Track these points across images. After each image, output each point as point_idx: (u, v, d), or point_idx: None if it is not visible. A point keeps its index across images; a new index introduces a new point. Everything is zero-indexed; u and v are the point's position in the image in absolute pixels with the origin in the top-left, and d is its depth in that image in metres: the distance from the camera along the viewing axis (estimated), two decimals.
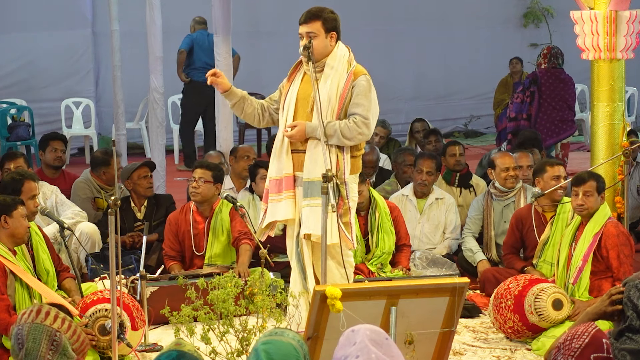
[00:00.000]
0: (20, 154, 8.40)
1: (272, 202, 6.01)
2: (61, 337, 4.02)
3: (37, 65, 14.35)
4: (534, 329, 6.12)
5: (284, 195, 5.94)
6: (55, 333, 4.01)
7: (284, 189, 5.95)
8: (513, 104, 10.50)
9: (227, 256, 7.30)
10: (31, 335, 3.97)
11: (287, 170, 5.94)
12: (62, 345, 3.99)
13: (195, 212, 7.37)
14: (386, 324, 4.47)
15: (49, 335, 3.99)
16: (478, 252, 7.61)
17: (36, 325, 4.01)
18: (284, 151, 5.96)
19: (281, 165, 5.96)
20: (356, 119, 5.85)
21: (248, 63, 13.32)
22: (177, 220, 7.40)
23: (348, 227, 5.85)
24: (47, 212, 6.81)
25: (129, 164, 8.35)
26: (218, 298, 5.44)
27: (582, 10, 7.30)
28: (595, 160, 7.31)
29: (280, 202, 5.95)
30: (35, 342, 3.95)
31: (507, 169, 7.65)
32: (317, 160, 5.82)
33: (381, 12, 15.45)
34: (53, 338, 3.99)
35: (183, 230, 7.34)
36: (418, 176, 8.01)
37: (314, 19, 5.91)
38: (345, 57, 5.97)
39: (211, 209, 7.34)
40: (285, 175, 5.94)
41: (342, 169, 5.86)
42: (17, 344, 3.97)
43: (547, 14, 16.18)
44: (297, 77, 6.04)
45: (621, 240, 6.27)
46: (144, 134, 13.70)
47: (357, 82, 5.91)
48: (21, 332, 4.00)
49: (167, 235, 7.40)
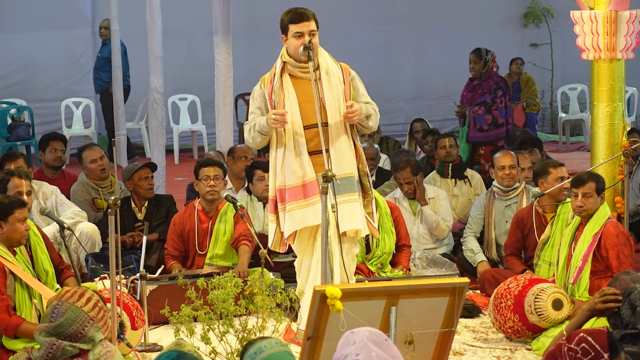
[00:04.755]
0: (20, 154, 8.40)
1: (291, 210, 5.91)
2: (92, 326, 4.16)
3: (37, 65, 14.36)
4: (534, 329, 6.12)
5: (313, 200, 5.86)
6: (88, 321, 4.16)
7: (310, 194, 5.88)
8: (498, 110, 10.19)
9: (229, 257, 7.29)
10: (68, 314, 4.14)
11: (310, 175, 5.89)
12: (90, 335, 4.14)
13: (200, 211, 7.37)
14: (386, 324, 4.47)
15: (81, 322, 4.14)
16: (479, 253, 7.61)
17: (75, 309, 4.16)
18: (303, 156, 5.89)
19: (304, 171, 5.89)
20: (373, 105, 6.07)
21: (248, 63, 13.32)
22: (181, 219, 7.39)
23: (372, 217, 6.06)
24: (47, 212, 6.81)
25: (129, 164, 8.36)
26: (218, 298, 5.44)
27: (582, 10, 7.29)
28: (595, 160, 7.31)
29: (310, 207, 5.86)
30: (67, 322, 4.13)
31: (502, 167, 7.68)
32: (343, 156, 5.89)
33: (381, 12, 15.45)
34: (85, 325, 4.15)
35: (188, 229, 7.34)
36: (401, 187, 8.04)
37: (311, 17, 5.94)
38: (328, 54, 6.04)
39: (217, 209, 7.35)
40: (309, 180, 5.89)
41: (364, 162, 6.02)
42: (51, 315, 4.17)
43: (547, 14, 16.18)
44: (285, 83, 5.97)
45: (621, 240, 6.27)
46: (144, 134, 13.71)
47: (352, 75, 6.06)
48: (59, 309, 4.17)
49: (170, 236, 7.39)
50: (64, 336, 4.11)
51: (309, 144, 5.91)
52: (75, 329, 4.11)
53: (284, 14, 5.96)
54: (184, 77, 14.48)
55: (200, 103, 14.36)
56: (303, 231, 6.02)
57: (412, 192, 7.99)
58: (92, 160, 8.23)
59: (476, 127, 9.85)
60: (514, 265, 7.08)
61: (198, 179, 7.41)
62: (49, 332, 4.12)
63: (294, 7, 5.98)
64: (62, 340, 4.09)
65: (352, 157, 5.95)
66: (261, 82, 6.06)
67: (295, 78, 5.97)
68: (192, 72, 14.53)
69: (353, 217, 5.87)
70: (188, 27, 14.31)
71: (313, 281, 5.97)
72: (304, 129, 5.91)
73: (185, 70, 14.54)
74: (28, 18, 14.11)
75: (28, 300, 5.68)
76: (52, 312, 4.17)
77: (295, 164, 5.90)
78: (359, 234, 6.01)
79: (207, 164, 7.43)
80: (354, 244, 6.06)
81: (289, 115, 5.88)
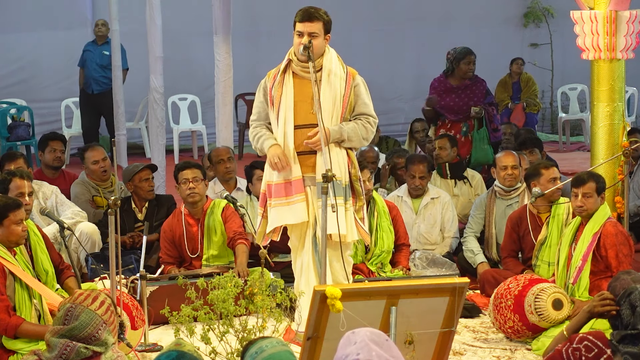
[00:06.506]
0: (20, 154, 8.39)
1: (276, 206, 5.99)
2: (105, 329, 4.17)
3: (37, 65, 14.35)
4: (534, 329, 6.12)
5: (296, 199, 5.93)
6: (102, 324, 4.16)
7: (294, 192, 5.94)
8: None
9: (224, 257, 7.28)
10: (81, 317, 4.13)
11: (296, 173, 5.95)
12: (103, 338, 4.14)
13: (187, 215, 7.33)
14: (386, 324, 4.47)
15: (95, 325, 4.13)
16: (479, 254, 7.61)
17: (89, 312, 4.15)
18: (290, 156, 5.95)
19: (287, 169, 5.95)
20: (368, 119, 6.01)
21: (248, 63, 13.32)
22: (171, 226, 7.36)
23: (363, 222, 6.02)
24: (47, 212, 6.81)
25: (130, 165, 8.34)
26: (218, 298, 5.44)
27: (582, 10, 7.29)
28: (595, 160, 7.31)
29: (292, 205, 5.93)
30: (81, 325, 4.12)
31: (505, 167, 7.69)
32: (331, 159, 5.85)
33: (381, 12, 15.45)
34: (99, 328, 4.14)
35: (178, 235, 7.32)
36: (411, 181, 8.05)
37: (316, 19, 5.93)
38: (336, 56, 6.03)
39: (202, 210, 7.31)
40: (294, 178, 5.94)
41: (357, 166, 6.02)
42: (64, 317, 4.16)
43: (547, 14, 16.18)
44: (286, 80, 6.01)
45: (620, 240, 6.27)
46: (144, 134, 13.71)
47: (357, 82, 6.02)
48: (73, 312, 4.15)
49: (162, 244, 7.37)
50: (77, 339, 4.10)
51: (297, 142, 5.94)
52: (89, 332, 4.11)
53: (298, 10, 6.00)
54: (184, 77, 14.47)
55: (200, 103, 14.36)
56: (294, 231, 6.09)
57: (423, 187, 8.01)
58: (94, 162, 8.22)
59: (492, 128, 9.77)
60: (512, 266, 7.08)
61: (178, 183, 7.35)
62: (62, 334, 4.10)
63: (308, 6, 6.00)
64: (76, 342, 4.08)
65: (341, 161, 5.94)
66: (267, 76, 6.11)
67: (297, 77, 5.99)
68: (192, 72, 14.53)
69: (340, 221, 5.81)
70: (188, 27, 14.29)
71: (306, 283, 6.02)
72: (295, 128, 5.95)
73: (185, 70, 14.53)
74: (28, 18, 14.11)
75: (28, 301, 5.68)
76: (66, 314, 4.16)
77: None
78: (345, 239, 5.94)
79: (185, 167, 7.36)
80: (345, 247, 6.00)
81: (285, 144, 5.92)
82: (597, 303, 4.48)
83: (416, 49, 15.73)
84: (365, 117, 6.00)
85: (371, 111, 6.05)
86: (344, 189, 5.92)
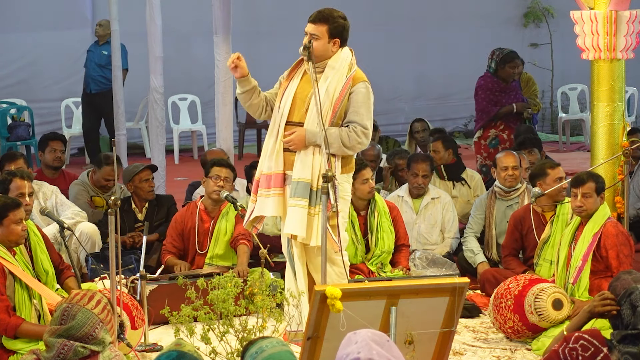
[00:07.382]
0: (20, 154, 8.38)
1: (261, 196, 6.00)
2: (102, 328, 4.16)
3: (37, 65, 14.36)
4: (534, 329, 6.12)
5: (272, 192, 5.94)
6: (99, 323, 4.15)
7: (272, 186, 5.94)
8: None
9: (229, 258, 7.30)
10: (78, 317, 4.13)
11: (278, 168, 5.94)
12: (100, 337, 4.14)
13: (202, 210, 7.37)
14: (386, 324, 4.47)
15: (92, 325, 4.13)
16: (479, 254, 7.61)
17: (86, 311, 4.15)
18: (276, 149, 5.95)
19: (272, 162, 5.95)
20: (356, 128, 5.83)
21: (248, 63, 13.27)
22: (183, 218, 7.40)
23: (335, 229, 5.75)
24: (47, 212, 6.80)
25: (130, 166, 8.34)
26: (218, 298, 5.44)
27: (582, 10, 7.29)
28: (595, 160, 7.31)
29: (269, 197, 5.94)
30: (78, 325, 4.11)
31: (505, 168, 7.68)
32: (306, 161, 5.83)
33: (381, 12, 15.45)
34: (96, 327, 4.14)
35: (189, 228, 7.35)
36: (414, 180, 8.04)
37: (321, 21, 5.89)
38: (347, 60, 5.93)
39: (219, 209, 7.35)
40: (275, 172, 5.94)
41: (334, 171, 5.73)
42: (61, 317, 4.15)
43: (547, 14, 16.18)
44: (297, 74, 6.02)
45: (620, 240, 6.27)
46: (144, 134, 13.71)
47: (356, 88, 5.89)
48: (69, 311, 4.15)
49: (170, 233, 7.40)
50: (74, 338, 4.10)
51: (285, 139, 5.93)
52: (87, 331, 4.11)
53: None
54: (184, 77, 14.47)
55: (200, 103, 14.37)
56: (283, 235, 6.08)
57: (425, 186, 8.02)
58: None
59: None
60: (513, 266, 7.08)
61: (208, 176, 7.37)
62: (60, 334, 4.11)
63: (324, 7, 5.99)
64: (73, 342, 4.09)
65: (315, 164, 5.80)
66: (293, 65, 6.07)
67: (305, 75, 5.98)
68: (192, 72, 14.53)
69: (294, 222, 5.78)
70: (188, 27, 14.30)
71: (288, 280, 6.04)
72: (288, 124, 5.93)
73: (185, 70, 14.53)
74: (28, 18, 14.11)
75: (28, 301, 5.68)
76: (62, 314, 4.16)
77: (270, 154, 5.97)
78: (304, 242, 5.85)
79: (221, 164, 7.42)
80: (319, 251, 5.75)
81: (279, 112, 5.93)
82: (597, 303, 4.48)
83: (416, 49, 15.73)
84: (354, 125, 5.82)
85: (362, 120, 5.83)
86: (315, 192, 5.77)
